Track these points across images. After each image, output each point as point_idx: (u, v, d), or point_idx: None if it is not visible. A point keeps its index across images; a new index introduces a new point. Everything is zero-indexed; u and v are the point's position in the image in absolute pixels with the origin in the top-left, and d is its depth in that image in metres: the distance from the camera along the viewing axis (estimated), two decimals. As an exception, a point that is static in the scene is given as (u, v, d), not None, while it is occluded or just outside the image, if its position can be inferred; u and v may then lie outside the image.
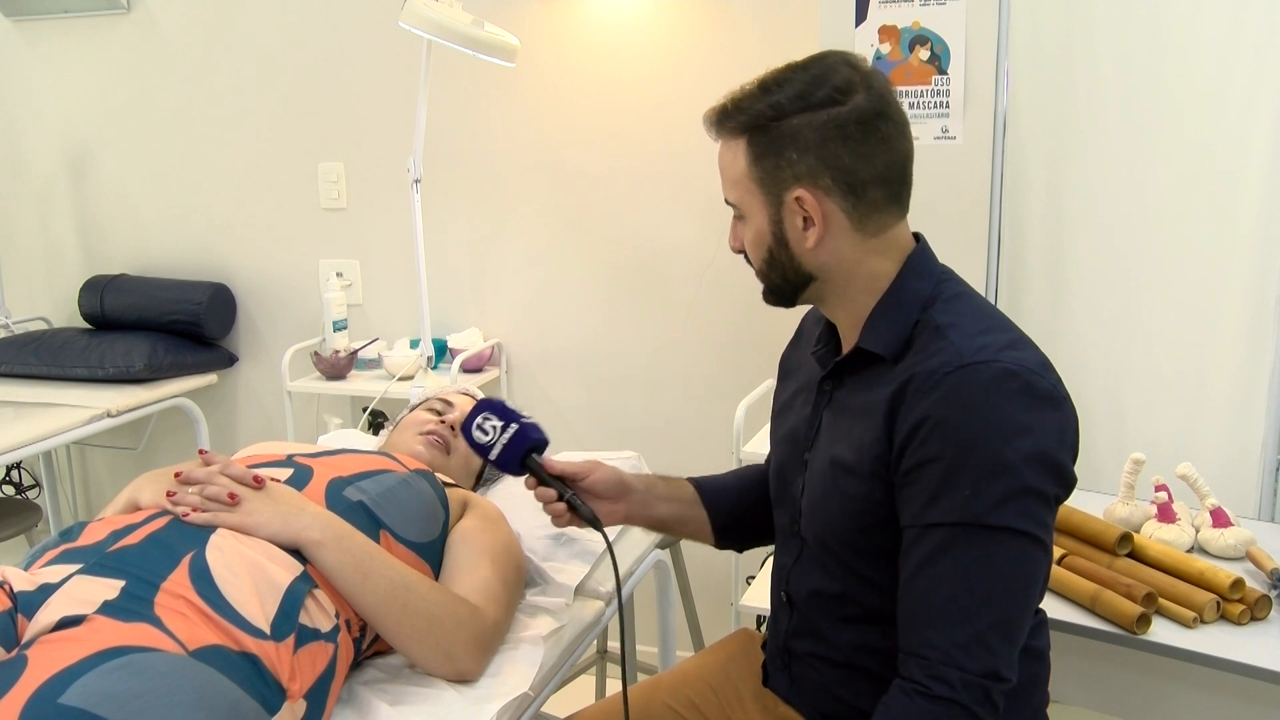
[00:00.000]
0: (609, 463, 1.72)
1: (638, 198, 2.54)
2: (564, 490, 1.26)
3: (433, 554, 1.35)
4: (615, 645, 2.13)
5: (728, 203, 1.14)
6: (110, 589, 1.05)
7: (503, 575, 1.35)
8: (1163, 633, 1.34)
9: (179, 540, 1.13)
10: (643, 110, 2.49)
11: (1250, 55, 1.88)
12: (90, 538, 1.15)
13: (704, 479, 1.40)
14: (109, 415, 2.51)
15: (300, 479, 1.30)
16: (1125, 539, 1.49)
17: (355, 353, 2.66)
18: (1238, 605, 1.36)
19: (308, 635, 1.11)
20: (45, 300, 3.17)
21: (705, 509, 1.36)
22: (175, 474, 1.24)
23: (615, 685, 2.09)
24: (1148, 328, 2.04)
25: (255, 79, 2.83)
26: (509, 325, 2.73)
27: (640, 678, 2.06)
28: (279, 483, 1.26)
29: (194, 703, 0.95)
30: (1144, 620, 1.33)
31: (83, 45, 2.98)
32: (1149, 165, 1.99)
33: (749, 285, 1.21)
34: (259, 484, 1.22)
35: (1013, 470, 0.98)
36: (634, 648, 2.05)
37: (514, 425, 1.29)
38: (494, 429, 1.30)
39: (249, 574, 1.11)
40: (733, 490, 1.39)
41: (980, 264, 1.93)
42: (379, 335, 2.77)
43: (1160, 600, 1.38)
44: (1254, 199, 1.92)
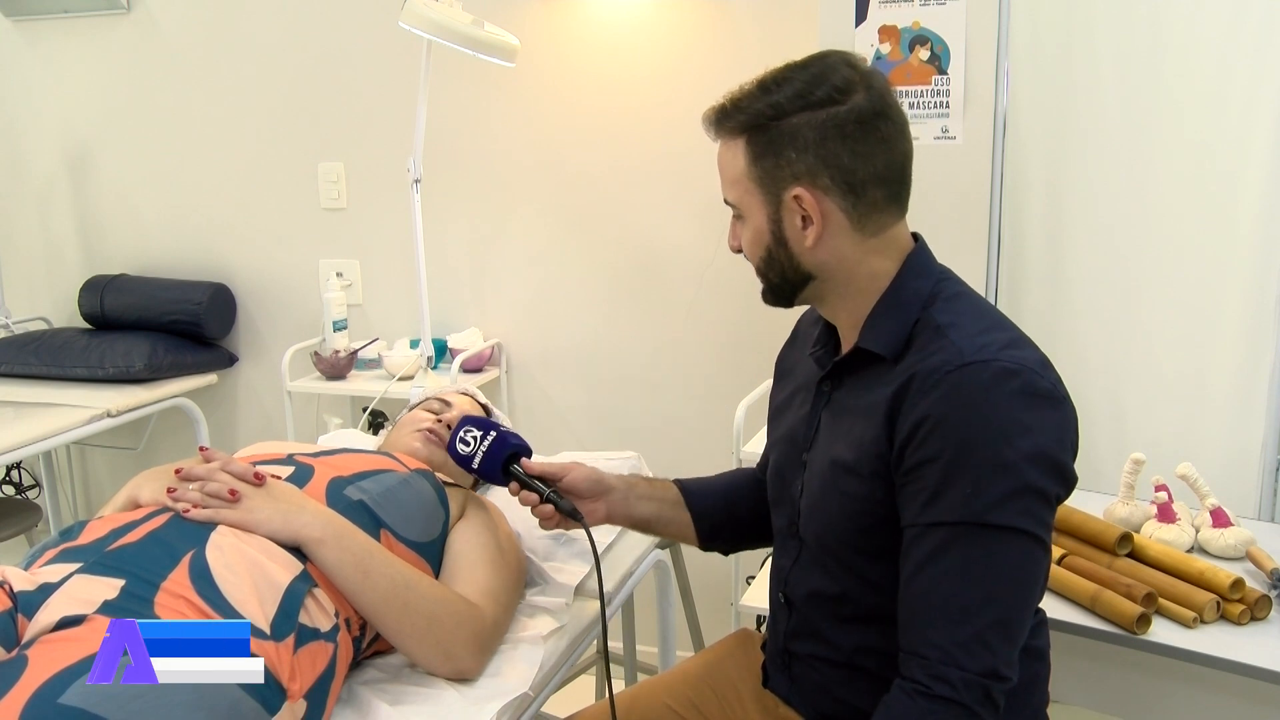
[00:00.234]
0: (609, 463, 1.74)
1: (638, 198, 2.54)
2: (544, 490, 1.28)
3: (433, 553, 1.35)
4: (615, 645, 2.13)
5: (727, 202, 1.14)
6: (110, 588, 1.05)
7: (502, 575, 1.35)
8: (1163, 633, 1.34)
9: (179, 539, 1.13)
10: (643, 110, 2.49)
11: (1250, 55, 1.89)
12: (90, 536, 1.16)
13: (689, 480, 1.40)
14: (109, 415, 2.51)
15: (301, 478, 1.30)
16: (1125, 539, 1.49)
17: (355, 353, 2.66)
18: (1238, 605, 1.36)
19: (308, 635, 1.11)
20: (45, 300, 3.16)
21: (688, 510, 1.36)
22: (176, 471, 1.24)
23: (616, 685, 2.09)
24: (1148, 328, 2.04)
25: (255, 79, 2.83)
26: (509, 325, 2.73)
27: (640, 678, 2.06)
28: (280, 480, 1.26)
29: (194, 702, 0.95)
30: (1144, 620, 1.33)
31: (83, 45, 2.98)
32: (1149, 165, 1.99)
33: (749, 285, 1.21)
34: (260, 481, 1.22)
35: (1013, 469, 0.98)
36: (634, 648, 2.05)
37: (492, 433, 1.32)
38: (474, 439, 1.33)
39: (249, 573, 1.11)
40: (718, 492, 1.39)
41: (980, 264, 1.93)
42: (379, 335, 2.77)
43: (1160, 600, 1.38)
44: (1254, 199, 1.92)
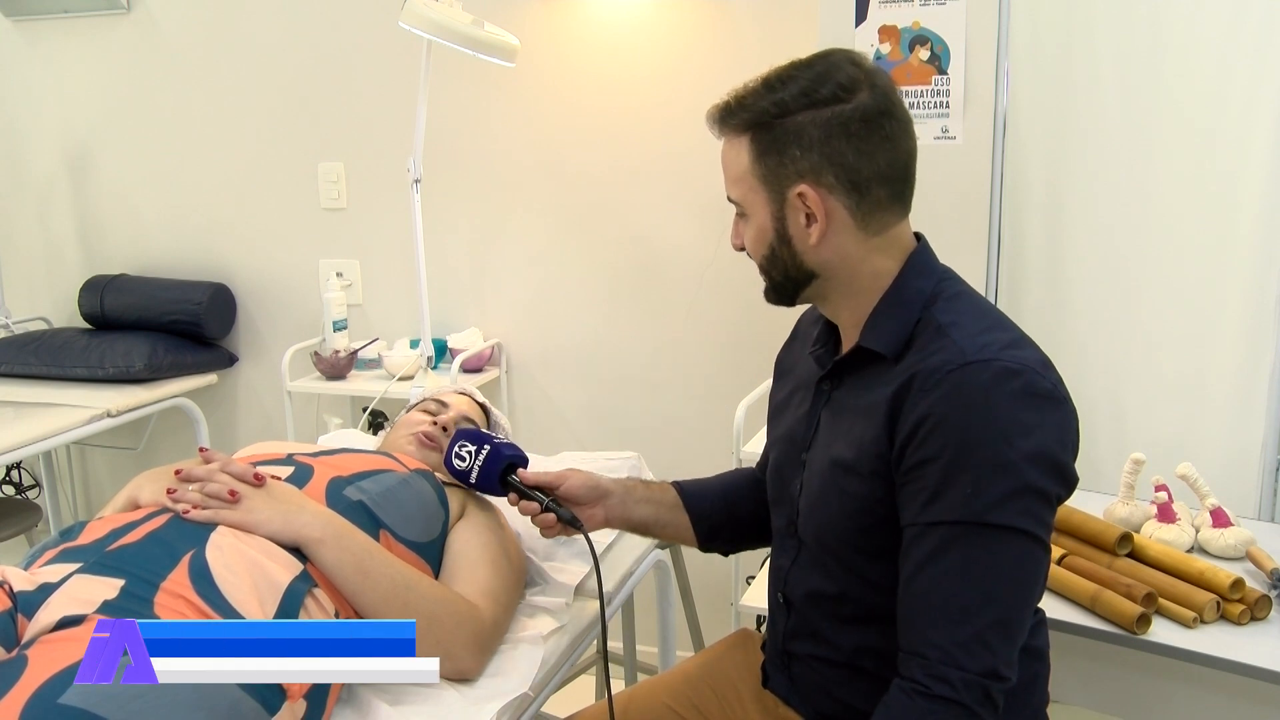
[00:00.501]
0: (609, 463, 1.74)
1: (638, 198, 2.54)
2: (543, 499, 1.29)
3: (432, 554, 1.35)
4: (615, 645, 2.13)
5: (730, 200, 1.14)
6: (110, 588, 1.05)
7: (502, 575, 1.35)
8: (1163, 633, 1.34)
9: (179, 539, 1.13)
10: (643, 110, 2.49)
11: (1250, 55, 1.89)
12: (90, 536, 1.15)
13: (687, 482, 1.40)
14: (109, 415, 2.51)
15: (300, 478, 1.30)
16: (1125, 539, 1.48)
17: (355, 353, 2.66)
18: (1238, 605, 1.36)
19: (308, 635, 1.11)
20: (45, 300, 3.16)
21: (687, 512, 1.36)
22: (175, 471, 1.24)
23: (616, 685, 2.09)
24: (1148, 328, 2.04)
25: (255, 79, 2.83)
26: (509, 325, 2.73)
27: (640, 678, 2.06)
28: (280, 481, 1.26)
29: (194, 702, 0.95)
30: (1144, 620, 1.33)
31: (83, 45, 2.98)
32: (1149, 165, 1.99)
33: (749, 285, 1.21)
34: (259, 481, 1.22)
35: (1014, 469, 0.98)
36: (634, 648, 2.05)
37: (487, 446, 1.34)
38: (469, 454, 1.35)
39: (248, 573, 1.11)
40: (716, 494, 1.39)
41: (980, 264, 1.93)
42: (379, 335, 2.77)
43: (1160, 600, 1.38)
44: (1254, 199, 1.92)
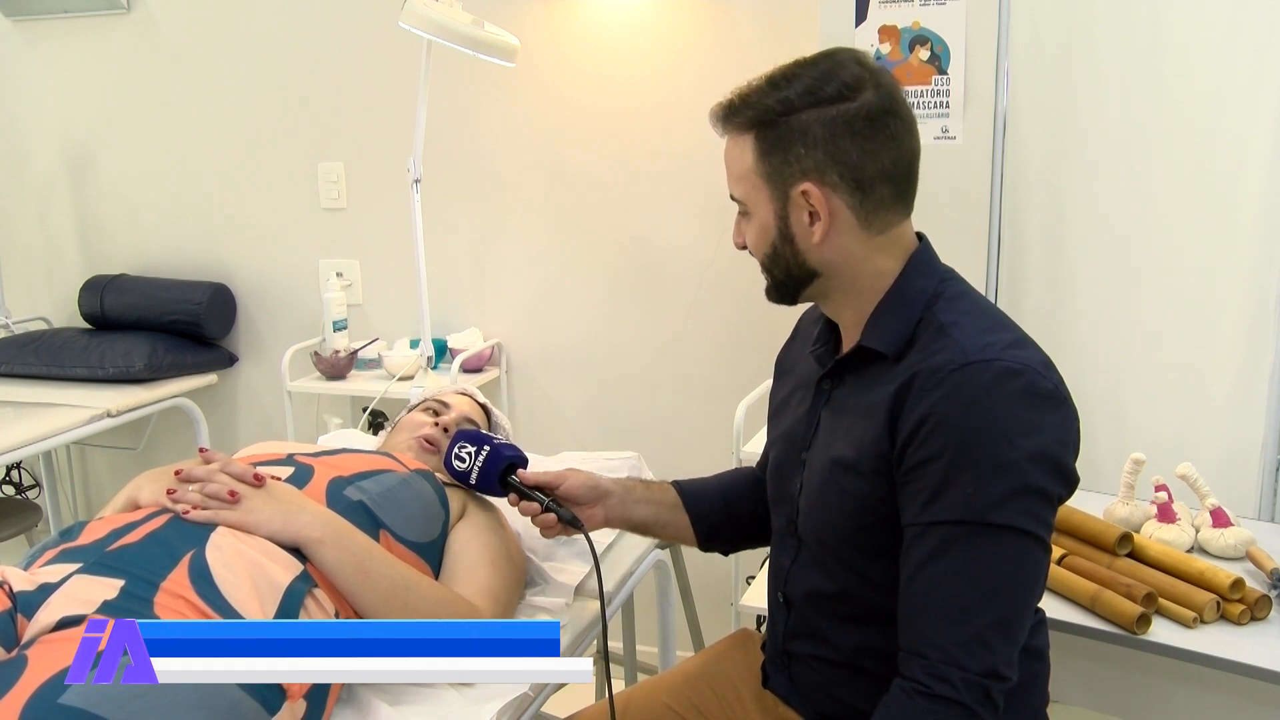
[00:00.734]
0: (609, 463, 1.74)
1: (638, 198, 2.54)
2: (544, 499, 1.29)
3: (432, 554, 1.35)
4: (615, 645, 2.13)
5: (733, 198, 1.14)
6: (110, 588, 1.05)
7: (502, 575, 1.35)
8: (1163, 633, 1.34)
9: (178, 539, 1.13)
10: (643, 110, 2.49)
11: (1250, 55, 1.88)
12: (90, 536, 1.15)
13: (687, 482, 1.40)
14: (109, 415, 2.51)
15: (301, 478, 1.30)
16: (1125, 539, 1.48)
17: (355, 353, 2.66)
18: (1238, 605, 1.36)
19: (308, 635, 1.11)
20: (45, 300, 3.16)
21: (686, 512, 1.36)
22: (175, 472, 1.24)
23: (616, 685, 2.09)
24: (1148, 327, 2.03)
25: (255, 79, 2.83)
26: (509, 325, 2.73)
27: (640, 678, 2.05)
28: (280, 481, 1.26)
29: (194, 702, 0.95)
30: (1144, 620, 1.33)
31: (83, 45, 2.98)
32: (1149, 165, 1.99)
33: (749, 285, 1.21)
34: (259, 482, 1.22)
35: (1015, 468, 0.98)
36: (634, 648, 2.05)
37: (487, 447, 1.34)
38: (469, 455, 1.35)
39: (248, 573, 1.11)
40: (716, 493, 1.38)
41: (980, 264, 1.93)
42: (379, 335, 2.77)
43: (1160, 600, 1.38)
44: (1254, 199, 1.91)
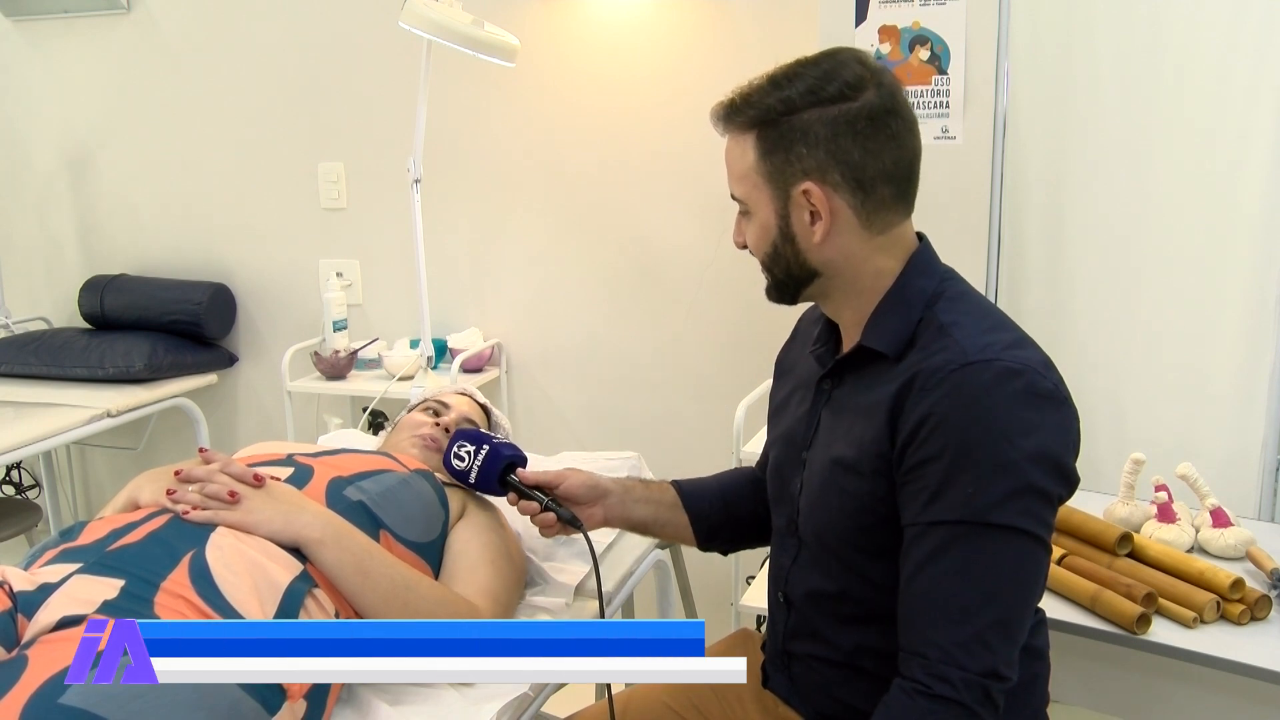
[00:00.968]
0: (609, 463, 1.74)
1: (638, 198, 2.54)
2: (543, 499, 1.29)
3: (432, 554, 1.35)
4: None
5: (733, 198, 1.14)
6: (110, 588, 1.05)
7: (502, 575, 1.35)
8: (1163, 633, 1.34)
9: (179, 539, 1.13)
10: (643, 110, 2.49)
11: (1250, 55, 1.88)
12: (90, 536, 1.16)
13: (686, 482, 1.39)
14: (109, 415, 2.51)
15: (301, 478, 1.30)
16: (1125, 539, 1.48)
17: (355, 353, 2.66)
18: (1238, 605, 1.36)
19: (308, 635, 1.11)
20: (45, 300, 3.16)
21: (685, 512, 1.36)
22: (175, 472, 1.24)
23: (616, 685, 2.08)
24: (1148, 327, 2.03)
25: (255, 79, 2.83)
26: (509, 325, 2.73)
27: (640, 678, 2.05)
28: (279, 481, 1.26)
29: (194, 702, 0.95)
30: (1144, 620, 1.33)
31: (83, 45, 2.98)
32: (1149, 165, 1.99)
33: (749, 285, 1.21)
34: (259, 482, 1.22)
35: (1015, 468, 0.98)
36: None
37: (486, 446, 1.34)
38: (468, 454, 1.35)
39: (248, 573, 1.11)
40: (715, 493, 1.38)
41: (980, 264, 1.93)
42: (379, 335, 2.77)
43: (1160, 600, 1.38)
44: (1254, 199, 1.91)
